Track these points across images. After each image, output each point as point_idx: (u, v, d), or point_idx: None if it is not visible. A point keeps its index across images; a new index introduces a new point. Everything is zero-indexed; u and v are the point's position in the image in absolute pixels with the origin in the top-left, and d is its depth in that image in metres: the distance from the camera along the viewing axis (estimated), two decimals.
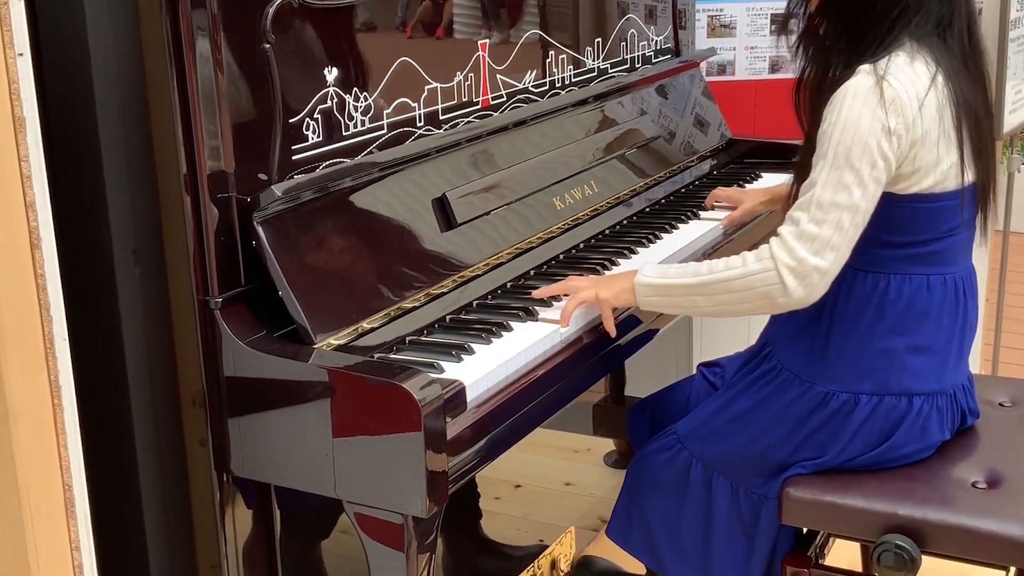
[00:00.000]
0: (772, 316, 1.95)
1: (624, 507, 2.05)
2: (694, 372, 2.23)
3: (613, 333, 1.87)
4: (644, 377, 2.77)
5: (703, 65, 2.98)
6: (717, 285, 1.76)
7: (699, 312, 1.85)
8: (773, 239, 1.73)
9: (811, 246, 1.68)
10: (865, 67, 1.69)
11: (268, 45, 1.64)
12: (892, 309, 1.79)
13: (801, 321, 1.86)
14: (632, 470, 2.06)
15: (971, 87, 1.76)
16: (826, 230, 1.68)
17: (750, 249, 1.78)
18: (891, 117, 1.66)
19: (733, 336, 2.49)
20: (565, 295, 1.87)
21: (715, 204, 2.42)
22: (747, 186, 2.56)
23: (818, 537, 1.99)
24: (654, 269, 1.84)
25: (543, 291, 1.90)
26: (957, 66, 1.74)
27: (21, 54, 1.30)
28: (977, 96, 1.77)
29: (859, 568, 2.21)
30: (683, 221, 2.36)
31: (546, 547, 2.39)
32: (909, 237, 1.77)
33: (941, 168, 1.73)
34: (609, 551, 2.51)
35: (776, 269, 1.70)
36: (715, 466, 1.93)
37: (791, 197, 1.82)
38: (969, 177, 1.76)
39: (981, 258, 3.16)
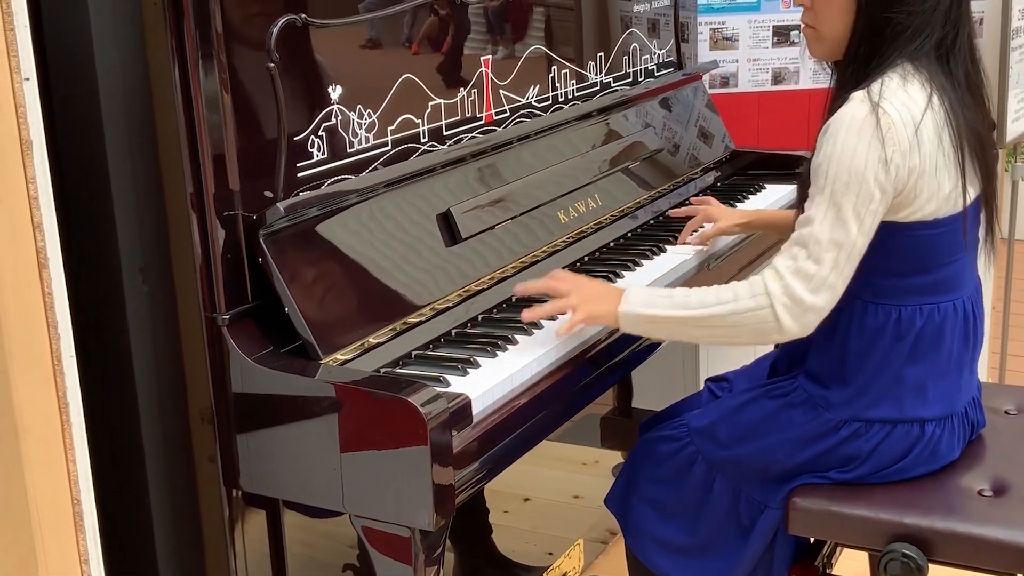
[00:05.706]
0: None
1: (623, 483, 2.06)
2: (701, 386, 2.23)
3: (560, 336, 1.80)
4: (651, 391, 2.78)
5: (706, 78, 2.99)
6: (708, 320, 1.73)
7: (685, 340, 1.83)
8: (767, 272, 1.71)
9: (808, 284, 1.67)
10: (858, 94, 1.66)
11: (273, 64, 1.66)
12: (906, 338, 1.77)
13: (814, 350, 1.86)
14: (637, 450, 2.06)
15: (972, 108, 1.73)
16: (824, 269, 1.66)
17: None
18: (887, 146, 1.63)
19: (741, 351, 2.48)
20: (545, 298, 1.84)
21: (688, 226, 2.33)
22: (738, 205, 2.56)
23: (825, 547, 1.99)
24: (640, 296, 1.80)
25: (523, 288, 1.88)
26: (955, 86, 1.71)
27: (28, 79, 1.32)
28: (978, 118, 1.74)
29: None
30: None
31: (555, 560, 2.40)
32: (914, 267, 1.75)
33: (943, 192, 1.70)
34: (618, 567, 2.52)
35: (771, 306, 1.68)
36: (719, 468, 1.93)
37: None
38: (971, 196, 1.74)
39: (987, 267, 3.16)
